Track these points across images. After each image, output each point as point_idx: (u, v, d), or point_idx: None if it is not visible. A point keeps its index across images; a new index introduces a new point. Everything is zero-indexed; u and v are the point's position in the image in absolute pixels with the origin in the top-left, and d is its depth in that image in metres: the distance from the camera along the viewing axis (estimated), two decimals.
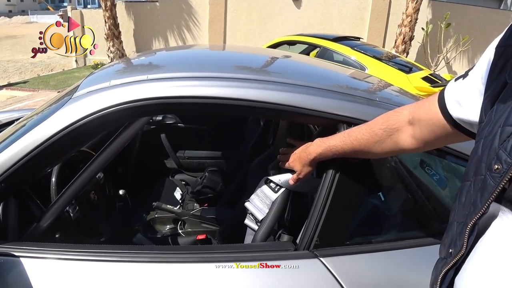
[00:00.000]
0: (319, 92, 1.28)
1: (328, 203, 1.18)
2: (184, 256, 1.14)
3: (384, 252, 1.23)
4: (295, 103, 1.20)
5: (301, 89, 1.26)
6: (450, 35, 9.80)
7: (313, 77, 1.57)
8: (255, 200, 1.43)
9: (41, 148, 1.15)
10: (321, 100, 1.23)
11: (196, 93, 1.16)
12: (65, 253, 1.12)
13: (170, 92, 1.16)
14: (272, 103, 1.19)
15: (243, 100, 1.17)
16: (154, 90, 1.16)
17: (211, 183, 2.58)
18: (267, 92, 1.20)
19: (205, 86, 1.18)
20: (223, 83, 1.21)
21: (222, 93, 1.17)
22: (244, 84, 1.21)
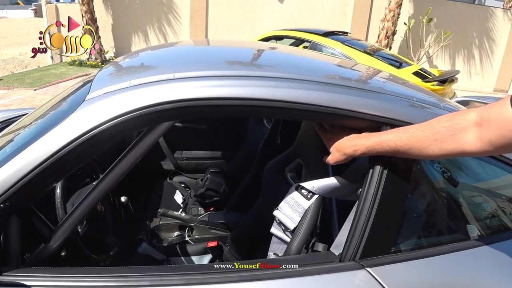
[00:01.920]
0: (362, 92, 1.17)
1: (375, 209, 1.09)
2: (226, 276, 1.02)
3: (431, 257, 1.15)
4: (338, 104, 1.10)
5: (341, 89, 1.16)
6: (432, 30, 9.89)
7: (348, 76, 1.46)
8: (285, 208, 1.32)
9: (54, 159, 1.00)
10: (365, 101, 1.13)
11: (237, 93, 1.03)
12: (86, 280, 0.99)
13: (204, 93, 1.03)
14: (315, 105, 1.08)
15: (288, 102, 1.05)
16: (184, 90, 1.03)
17: (214, 185, 2.46)
18: (308, 93, 1.09)
19: (247, 86, 1.06)
20: (266, 82, 1.09)
21: (268, 94, 1.05)
22: (288, 84, 1.09)
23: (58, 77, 9.01)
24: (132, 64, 1.49)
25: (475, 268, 1.19)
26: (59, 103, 1.39)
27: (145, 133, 1.15)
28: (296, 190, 1.32)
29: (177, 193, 2.60)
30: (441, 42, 9.57)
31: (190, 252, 1.91)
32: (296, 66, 1.47)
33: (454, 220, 1.33)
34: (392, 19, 9.36)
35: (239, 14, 10.44)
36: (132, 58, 1.58)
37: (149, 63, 1.48)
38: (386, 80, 1.53)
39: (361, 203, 1.12)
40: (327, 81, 1.21)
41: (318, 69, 1.49)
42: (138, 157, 1.16)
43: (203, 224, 2.05)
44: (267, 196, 1.77)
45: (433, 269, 1.15)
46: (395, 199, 1.15)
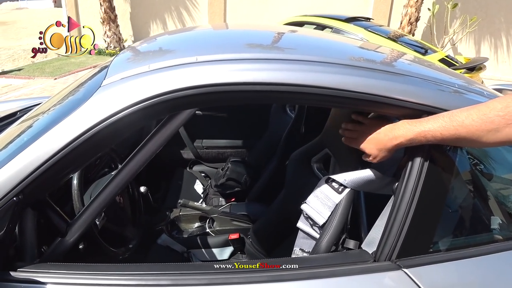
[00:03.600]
0: (400, 78, 1.07)
1: (414, 205, 1.00)
2: (252, 276, 0.94)
3: (474, 258, 1.06)
4: (376, 90, 1.00)
5: (379, 74, 1.06)
6: (457, 16, 9.55)
7: (384, 60, 1.36)
8: (314, 202, 1.24)
9: (70, 148, 0.94)
10: (404, 87, 1.03)
11: (266, 78, 0.94)
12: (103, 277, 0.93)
13: (230, 78, 0.94)
14: (350, 91, 0.98)
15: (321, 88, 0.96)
16: (209, 75, 0.95)
17: (235, 175, 2.39)
18: (343, 77, 1.00)
19: (277, 70, 0.97)
20: (296, 66, 0.99)
21: (299, 78, 0.96)
22: (321, 68, 1.00)
23: (77, 66, 9.05)
24: (151, 48, 1.41)
25: None
26: (74, 90, 1.32)
27: (165, 121, 1.07)
28: (326, 183, 1.23)
29: (197, 183, 2.55)
30: (467, 28, 9.22)
31: (211, 244, 1.85)
32: (327, 49, 1.36)
33: (498, 217, 1.22)
34: (416, 5, 9.06)
35: (258, 1, 10.27)
36: (150, 42, 1.50)
37: (168, 47, 1.40)
38: (425, 65, 1.41)
39: (399, 198, 1.03)
40: (362, 65, 1.11)
41: (351, 52, 1.39)
42: (158, 147, 1.09)
43: (225, 215, 1.98)
44: (291, 188, 1.69)
45: (476, 271, 1.07)
46: (437, 193, 1.06)
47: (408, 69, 1.25)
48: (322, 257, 1.07)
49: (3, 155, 1.01)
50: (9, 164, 0.94)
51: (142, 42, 1.53)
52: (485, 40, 10.32)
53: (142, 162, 1.09)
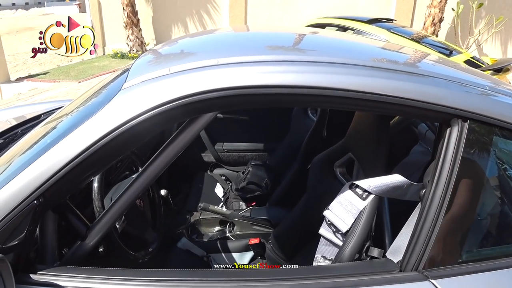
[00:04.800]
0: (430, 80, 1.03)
1: (443, 212, 0.96)
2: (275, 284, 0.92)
3: (508, 269, 1.00)
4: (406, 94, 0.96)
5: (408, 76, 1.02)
6: (482, 16, 9.31)
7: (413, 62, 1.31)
8: (337, 208, 1.20)
9: (88, 153, 0.94)
10: (435, 90, 0.99)
11: (291, 81, 0.92)
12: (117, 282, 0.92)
13: (254, 81, 0.92)
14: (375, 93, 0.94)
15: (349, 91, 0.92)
16: (231, 78, 0.93)
17: (255, 179, 2.36)
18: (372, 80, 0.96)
19: (302, 73, 0.94)
20: (330, 69, 0.96)
21: (326, 81, 0.93)
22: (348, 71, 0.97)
23: (101, 69, 9.21)
24: (172, 51, 1.40)
25: None
26: (96, 93, 1.32)
27: (186, 125, 1.06)
28: (350, 188, 1.19)
29: (218, 186, 2.53)
30: (493, 28, 8.98)
31: (231, 249, 1.83)
32: (350, 50, 1.33)
33: None
34: (439, 5, 8.87)
35: (279, 3, 10.25)
36: (171, 45, 1.50)
37: (189, 49, 1.39)
38: (450, 66, 1.36)
39: (427, 205, 0.99)
40: (385, 67, 1.07)
41: (374, 53, 1.34)
42: (178, 151, 1.07)
43: (245, 219, 1.96)
44: (313, 193, 1.65)
45: (509, 283, 1.01)
46: (467, 200, 1.01)
47: (433, 70, 1.20)
48: (345, 266, 1.04)
49: (25, 158, 1.01)
50: (30, 167, 0.95)
51: (163, 45, 1.52)
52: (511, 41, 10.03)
53: (162, 166, 1.08)
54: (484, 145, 1.03)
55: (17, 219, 0.91)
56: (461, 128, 0.98)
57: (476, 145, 1.01)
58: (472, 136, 1.00)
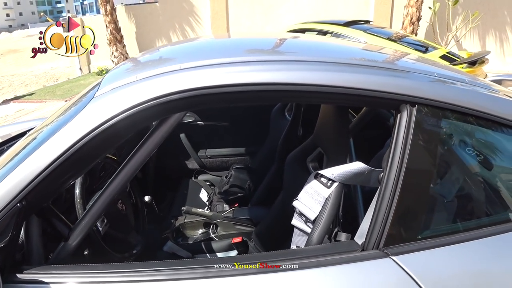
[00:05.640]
0: (377, 70, 1.11)
1: (398, 194, 1.03)
2: (245, 269, 0.98)
3: (463, 243, 1.08)
4: (355, 84, 1.04)
5: (355, 68, 1.10)
6: (459, 13, 9.52)
7: (364, 56, 1.40)
8: (305, 198, 1.28)
9: (64, 157, 1.00)
10: (382, 79, 1.07)
11: (244, 80, 1.00)
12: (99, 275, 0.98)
13: (208, 81, 1.00)
14: (328, 86, 1.03)
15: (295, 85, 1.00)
16: (191, 80, 1.01)
17: (238, 182, 2.43)
18: (320, 74, 1.04)
19: (253, 71, 1.02)
20: (268, 66, 1.05)
21: (271, 78, 1.01)
22: (292, 67, 1.05)
23: (87, 87, 9.24)
24: (141, 60, 1.48)
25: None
26: (74, 103, 1.39)
27: (157, 126, 1.13)
28: (315, 178, 1.27)
29: (202, 191, 2.59)
30: (469, 24, 9.19)
31: (215, 249, 1.89)
32: (311, 50, 1.42)
33: (490, 204, 1.24)
34: (416, 4, 9.07)
35: (260, 12, 10.39)
36: (144, 55, 1.58)
37: (159, 57, 1.48)
38: (407, 58, 1.45)
39: (383, 188, 1.06)
40: (343, 62, 1.16)
41: (332, 51, 1.43)
42: (151, 151, 1.15)
43: (228, 220, 2.02)
44: (289, 189, 1.72)
45: (466, 256, 1.08)
46: (420, 181, 1.09)
47: (384, 62, 1.29)
48: (311, 248, 1.11)
49: (8, 167, 1.08)
50: (12, 173, 1.01)
51: (138, 56, 1.60)
52: (489, 35, 10.25)
53: (138, 165, 1.14)
54: (433, 127, 1.11)
55: (2, 222, 0.97)
56: (410, 112, 1.06)
57: (425, 128, 1.09)
58: (421, 120, 1.07)
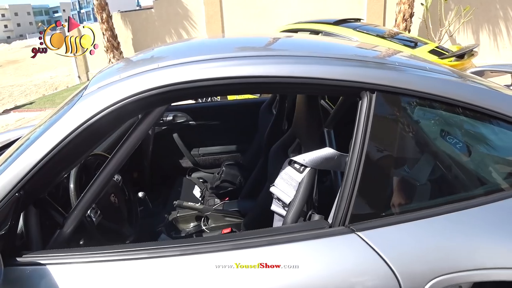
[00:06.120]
0: (340, 61, 1.22)
1: (360, 174, 1.13)
2: (219, 245, 1.09)
3: (422, 220, 1.16)
4: (317, 75, 1.14)
5: (320, 60, 1.20)
6: (451, 8, 9.61)
7: (329, 49, 1.50)
8: (281, 184, 1.38)
9: (56, 150, 1.11)
10: (343, 69, 1.17)
11: (208, 75, 1.10)
12: (89, 256, 1.09)
13: (182, 77, 1.10)
14: (292, 77, 1.13)
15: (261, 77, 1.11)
16: (167, 76, 1.11)
17: (229, 177, 2.53)
18: (288, 67, 1.14)
19: (218, 67, 1.13)
20: (234, 62, 1.15)
21: (233, 72, 1.12)
22: (261, 61, 1.16)
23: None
24: (126, 63, 1.59)
25: (472, 229, 1.19)
26: (65, 103, 1.50)
27: (141, 119, 1.24)
28: (289, 165, 1.37)
29: (196, 188, 2.69)
30: (462, 18, 9.28)
31: None
32: (277, 45, 1.52)
33: (448, 183, 1.33)
34: (408, 1, 9.17)
35: (254, 14, 10.51)
36: (128, 59, 1.68)
37: (140, 60, 1.58)
38: (369, 49, 1.55)
39: (347, 169, 1.16)
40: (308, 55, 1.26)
41: (300, 46, 1.53)
42: (135, 144, 1.25)
43: (217, 212, 2.12)
44: (272, 180, 1.81)
45: (427, 231, 1.16)
46: (380, 163, 1.18)
47: (347, 53, 1.40)
48: (283, 227, 1.21)
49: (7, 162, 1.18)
50: (10, 167, 1.12)
51: (121, 60, 1.71)
52: (483, 29, 10.33)
53: (123, 158, 1.25)
54: (392, 111, 1.21)
55: (3, 211, 1.07)
56: (370, 98, 1.15)
57: (385, 112, 1.19)
58: (380, 105, 1.16)
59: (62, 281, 1.05)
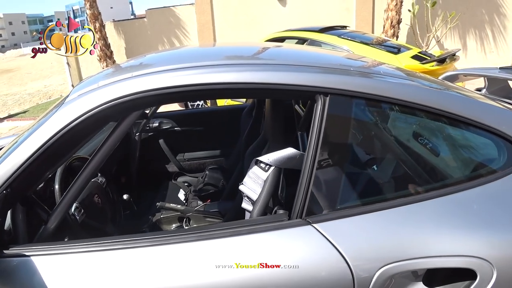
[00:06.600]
0: (297, 68, 1.34)
1: (314, 172, 1.24)
2: (186, 236, 1.20)
3: (374, 213, 1.26)
4: (273, 80, 1.27)
5: (275, 67, 1.33)
6: (438, 14, 9.81)
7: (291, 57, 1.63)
8: (248, 182, 1.50)
9: (41, 151, 1.23)
10: (299, 75, 1.30)
11: (174, 83, 1.24)
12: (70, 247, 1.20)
13: (151, 85, 1.23)
14: (251, 83, 1.25)
15: (218, 84, 1.23)
16: (138, 85, 1.24)
17: (212, 180, 2.65)
18: (246, 74, 1.27)
19: (183, 76, 1.26)
20: (199, 70, 1.28)
21: (198, 80, 1.24)
22: (224, 69, 1.28)
23: None
24: (107, 72, 1.71)
25: (420, 221, 1.28)
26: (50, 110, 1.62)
27: (117, 124, 1.36)
28: (256, 164, 1.49)
29: (181, 192, 2.80)
30: (448, 24, 9.48)
31: None
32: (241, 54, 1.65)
33: (398, 178, 1.44)
34: (395, 8, 9.35)
35: (245, 23, 10.67)
36: (110, 68, 1.81)
37: (120, 69, 1.70)
38: (327, 55, 1.68)
39: (303, 166, 1.27)
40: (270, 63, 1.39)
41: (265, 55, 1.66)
42: (114, 145, 1.37)
43: (199, 213, 2.24)
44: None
45: (378, 223, 1.26)
46: (334, 160, 1.30)
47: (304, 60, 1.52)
48: (245, 220, 1.33)
49: None
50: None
51: (103, 70, 1.83)
52: (469, 33, 10.53)
53: (103, 157, 1.37)
54: (344, 112, 1.33)
55: None
56: (324, 101, 1.27)
57: (337, 113, 1.31)
58: (333, 107, 1.27)
59: (46, 270, 1.16)
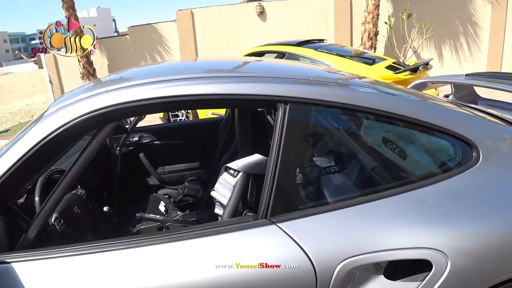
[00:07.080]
0: (257, 79, 1.45)
1: (277, 175, 1.34)
2: (156, 239, 1.28)
3: (334, 211, 1.36)
4: (237, 91, 1.37)
5: (240, 79, 1.44)
6: (413, 25, 10.12)
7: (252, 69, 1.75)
8: (219, 188, 1.59)
9: (20, 162, 1.30)
10: (260, 86, 1.41)
11: (142, 96, 1.34)
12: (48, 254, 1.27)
13: (122, 99, 1.33)
14: (217, 94, 1.36)
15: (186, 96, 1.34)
16: (111, 99, 1.33)
17: (191, 191, 2.74)
18: (210, 86, 1.37)
19: (151, 89, 1.36)
20: (166, 84, 1.39)
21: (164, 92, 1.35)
22: (190, 82, 1.39)
23: None
24: (85, 87, 1.80)
25: (378, 218, 1.37)
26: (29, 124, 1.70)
27: (94, 135, 1.44)
28: (225, 170, 1.59)
29: (161, 204, 2.87)
30: (424, 35, 9.79)
31: None
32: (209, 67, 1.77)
33: (356, 179, 1.54)
34: (372, 21, 9.64)
35: (226, 38, 10.85)
36: (89, 83, 1.90)
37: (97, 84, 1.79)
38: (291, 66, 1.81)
39: (267, 170, 1.37)
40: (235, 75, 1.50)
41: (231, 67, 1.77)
42: (90, 156, 1.45)
43: (177, 223, 2.31)
44: None
45: (338, 220, 1.35)
46: (294, 164, 1.40)
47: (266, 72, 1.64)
48: (213, 223, 1.42)
49: None
50: None
51: (83, 84, 1.93)
52: (445, 44, 10.88)
53: (79, 169, 1.45)
54: (303, 119, 1.44)
55: None
56: (284, 109, 1.37)
57: (297, 120, 1.41)
58: (293, 114, 1.38)
59: (25, 275, 1.23)
